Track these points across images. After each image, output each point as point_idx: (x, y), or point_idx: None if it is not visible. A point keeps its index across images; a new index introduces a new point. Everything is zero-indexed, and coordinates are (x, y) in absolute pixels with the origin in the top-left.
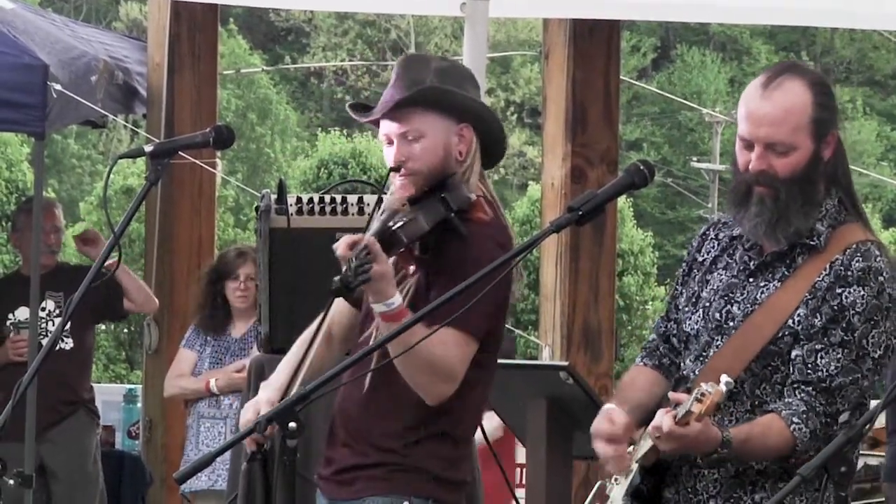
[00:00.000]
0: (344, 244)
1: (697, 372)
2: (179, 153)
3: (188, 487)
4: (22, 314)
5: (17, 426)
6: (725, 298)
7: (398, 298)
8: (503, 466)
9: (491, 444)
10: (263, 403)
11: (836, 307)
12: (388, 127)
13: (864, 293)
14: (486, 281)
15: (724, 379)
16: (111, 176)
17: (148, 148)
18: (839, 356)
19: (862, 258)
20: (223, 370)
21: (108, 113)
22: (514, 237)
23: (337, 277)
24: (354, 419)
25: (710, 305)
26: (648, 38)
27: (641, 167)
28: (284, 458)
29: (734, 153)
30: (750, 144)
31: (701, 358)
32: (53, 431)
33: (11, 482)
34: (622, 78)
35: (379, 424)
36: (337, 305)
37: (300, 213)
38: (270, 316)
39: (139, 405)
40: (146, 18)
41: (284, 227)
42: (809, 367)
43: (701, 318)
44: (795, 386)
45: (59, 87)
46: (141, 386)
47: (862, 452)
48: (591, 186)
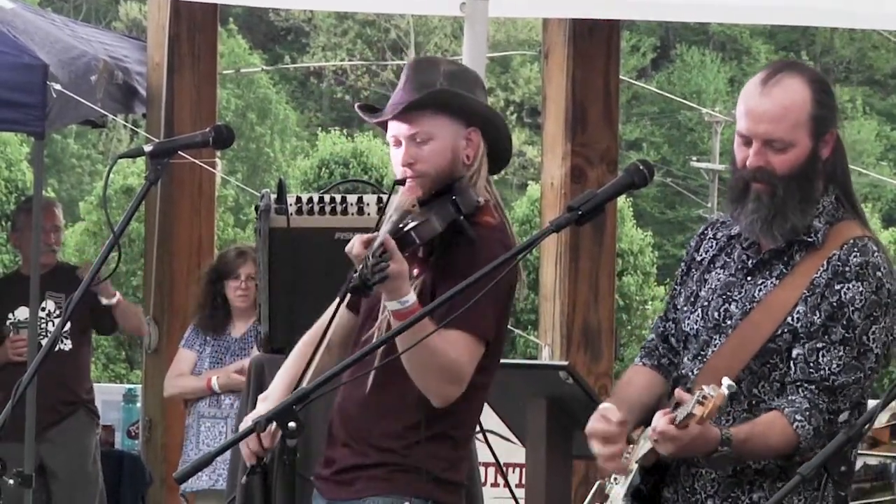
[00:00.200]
0: (359, 242)
1: (696, 371)
2: (179, 153)
3: (189, 487)
4: (22, 314)
5: (16, 426)
6: (724, 297)
7: (413, 296)
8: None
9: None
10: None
11: (835, 303)
12: (396, 128)
13: (862, 289)
14: (491, 281)
15: (725, 382)
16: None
17: (147, 148)
18: (841, 354)
19: (860, 253)
20: (223, 370)
21: (107, 113)
22: (516, 243)
23: (355, 274)
24: (355, 419)
25: (708, 305)
26: (648, 37)
27: (641, 167)
28: (284, 457)
29: (733, 151)
30: (748, 141)
31: (700, 357)
32: (53, 431)
33: (11, 482)
34: (622, 78)
35: (380, 425)
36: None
37: (300, 212)
38: (270, 316)
39: (139, 405)
40: (146, 18)
41: (284, 226)
42: (811, 365)
43: (700, 317)
44: (798, 384)
45: (58, 86)
46: (141, 386)
47: (861, 452)
48: (590, 186)
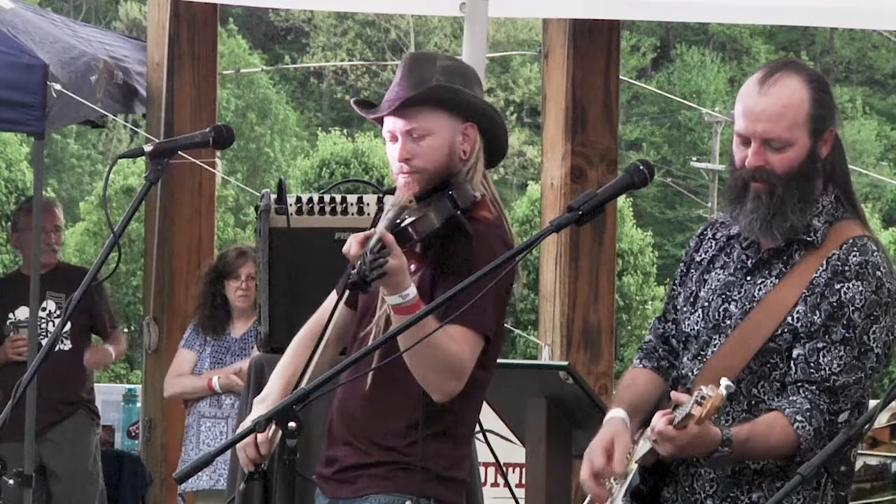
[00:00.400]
0: (356, 241)
1: (696, 371)
2: (179, 153)
3: (189, 487)
4: (22, 314)
5: (17, 426)
6: (723, 297)
7: (413, 290)
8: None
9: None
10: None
11: (834, 303)
12: (393, 124)
13: (862, 288)
14: (492, 278)
15: (724, 382)
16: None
17: (147, 148)
18: (841, 354)
19: (859, 253)
20: (224, 370)
21: (107, 113)
22: (513, 238)
23: (354, 271)
24: (356, 417)
25: (708, 305)
26: (648, 37)
27: (641, 167)
28: (284, 457)
29: (731, 150)
30: (747, 140)
31: (700, 357)
32: (53, 431)
33: (11, 482)
34: (622, 78)
35: (381, 423)
36: (330, 304)
37: (300, 212)
38: (270, 316)
39: (139, 405)
40: (146, 18)
41: (284, 226)
42: (812, 365)
43: (700, 317)
44: (799, 385)
45: (58, 86)
46: (140, 386)
47: (861, 452)
48: (590, 186)
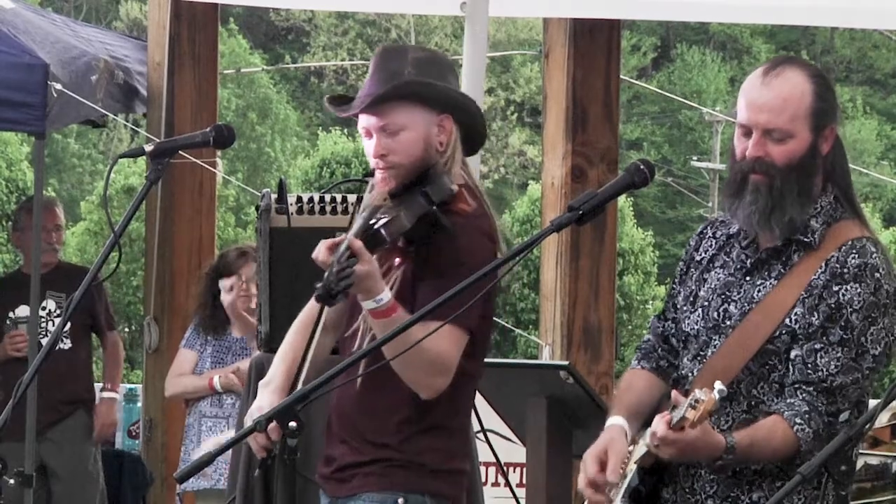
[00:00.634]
0: (324, 249)
1: (696, 371)
2: (180, 153)
3: (189, 487)
4: (22, 312)
5: (17, 426)
6: (723, 297)
7: (387, 294)
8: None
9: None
10: (267, 407)
11: (833, 305)
12: (366, 121)
13: (860, 290)
14: (479, 276)
15: (717, 386)
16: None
17: (148, 147)
18: (839, 355)
19: (858, 255)
20: (225, 369)
21: (108, 112)
22: (497, 226)
23: (319, 284)
24: (350, 416)
25: (708, 305)
26: (648, 37)
27: (641, 166)
28: (285, 457)
29: (732, 146)
30: (748, 132)
31: (699, 357)
32: (53, 431)
33: (11, 482)
34: (622, 77)
35: (373, 421)
36: None
37: (300, 212)
38: (270, 315)
39: (139, 405)
40: (146, 18)
41: (285, 226)
42: (809, 367)
43: (700, 317)
44: (797, 386)
45: (59, 86)
46: (141, 385)
47: (862, 452)
48: (591, 186)
